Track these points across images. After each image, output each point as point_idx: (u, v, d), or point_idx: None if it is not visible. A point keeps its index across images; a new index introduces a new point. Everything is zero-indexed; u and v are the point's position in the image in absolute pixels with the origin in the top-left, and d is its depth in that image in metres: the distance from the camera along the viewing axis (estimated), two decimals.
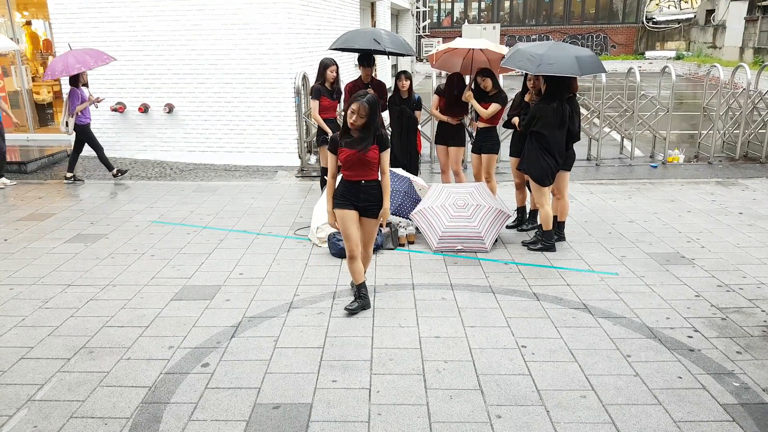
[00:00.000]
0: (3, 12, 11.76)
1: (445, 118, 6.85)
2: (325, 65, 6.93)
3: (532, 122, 5.60)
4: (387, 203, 4.48)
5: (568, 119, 5.62)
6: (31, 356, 4.04)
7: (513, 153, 6.41)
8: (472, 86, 6.64)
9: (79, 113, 8.47)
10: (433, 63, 7.21)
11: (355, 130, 4.28)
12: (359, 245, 4.52)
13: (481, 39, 6.83)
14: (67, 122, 8.46)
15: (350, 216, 4.44)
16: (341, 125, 4.36)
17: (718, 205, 7.36)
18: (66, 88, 10.26)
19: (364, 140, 4.27)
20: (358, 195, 4.41)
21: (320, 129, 7.11)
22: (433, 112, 7.08)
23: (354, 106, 4.18)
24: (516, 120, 6.12)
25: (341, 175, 4.45)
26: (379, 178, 4.46)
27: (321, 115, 6.98)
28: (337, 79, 7.06)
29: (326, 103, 7.00)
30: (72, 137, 8.88)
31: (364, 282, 4.67)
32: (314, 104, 6.99)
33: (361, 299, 4.65)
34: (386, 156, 4.41)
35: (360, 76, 7.24)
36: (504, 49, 6.62)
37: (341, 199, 4.45)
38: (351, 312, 4.56)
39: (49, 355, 4.06)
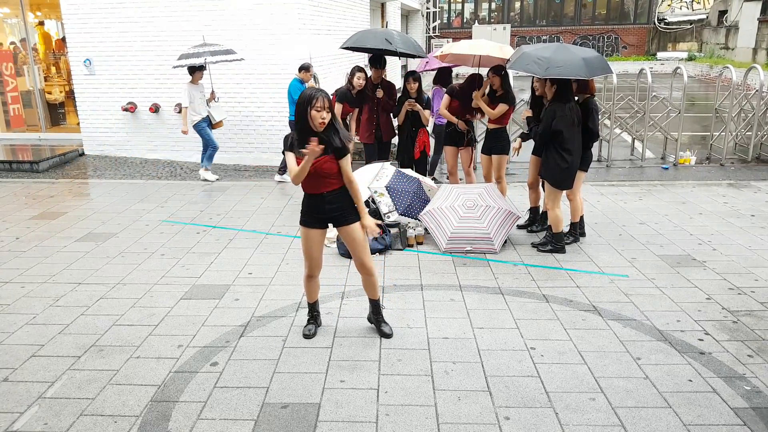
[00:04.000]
0: (16, 12, 11.87)
1: (455, 119, 6.81)
2: (353, 71, 7.10)
3: (553, 122, 5.49)
4: (363, 213, 3.98)
5: (580, 118, 5.61)
6: (42, 354, 4.07)
7: (534, 151, 6.33)
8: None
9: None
10: (444, 60, 7.21)
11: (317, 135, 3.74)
12: (319, 267, 4.13)
13: (484, 42, 6.76)
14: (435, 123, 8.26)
15: (314, 237, 4.02)
16: (301, 130, 3.78)
17: (729, 207, 7.31)
18: (78, 86, 10.36)
19: (328, 145, 3.75)
20: (322, 207, 3.93)
21: None
22: (442, 111, 7.02)
23: (318, 103, 3.66)
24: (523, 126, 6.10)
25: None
26: (344, 186, 3.95)
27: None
28: (365, 88, 7.14)
29: (347, 110, 7.19)
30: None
31: (317, 300, 4.35)
32: (338, 108, 7.07)
33: (314, 320, 4.34)
34: (345, 163, 3.85)
35: (370, 76, 7.25)
36: (508, 51, 6.56)
37: (307, 215, 4.02)
38: (307, 337, 4.24)
39: (59, 353, 4.09)
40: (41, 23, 12.42)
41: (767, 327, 4.34)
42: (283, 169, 9.08)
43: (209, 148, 8.98)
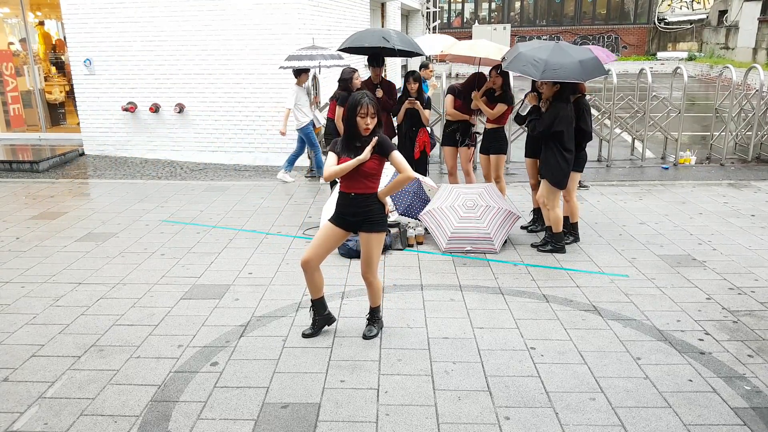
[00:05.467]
0: (17, 12, 11.87)
1: (462, 116, 6.80)
2: (349, 73, 7.09)
3: (555, 122, 5.50)
4: (386, 188, 4.01)
5: (575, 118, 5.63)
6: (42, 354, 4.07)
7: (528, 154, 6.36)
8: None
9: None
10: (447, 60, 7.22)
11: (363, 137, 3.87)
12: (318, 258, 4.04)
13: (483, 43, 6.75)
14: None
15: (333, 234, 4.04)
16: (344, 132, 3.94)
17: (730, 207, 7.31)
18: (78, 86, 10.36)
19: (364, 149, 3.85)
20: (349, 209, 3.98)
21: (328, 129, 7.25)
22: (450, 112, 6.98)
23: (363, 109, 3.77)
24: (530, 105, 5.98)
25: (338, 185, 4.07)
26: (377, 192, 4.02)
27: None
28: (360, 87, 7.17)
29: None
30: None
31: (321, 297, 4.22)
32: (339, 111, 7.11)
33: (316, 323, 4.26)
34: (396, 157, 3.89)
35: (370, 76, 7.25)
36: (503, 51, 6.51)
37: (336, 214, 4.06)
38: (306, 336, 4.22)
39: (59, 352, 4.09)
40: (41, 23, 12.43)
41: (767, 327, 4.34)
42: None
43: (301, 152, 8.72)
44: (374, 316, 4.30)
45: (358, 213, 3.98)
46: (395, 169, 3.99)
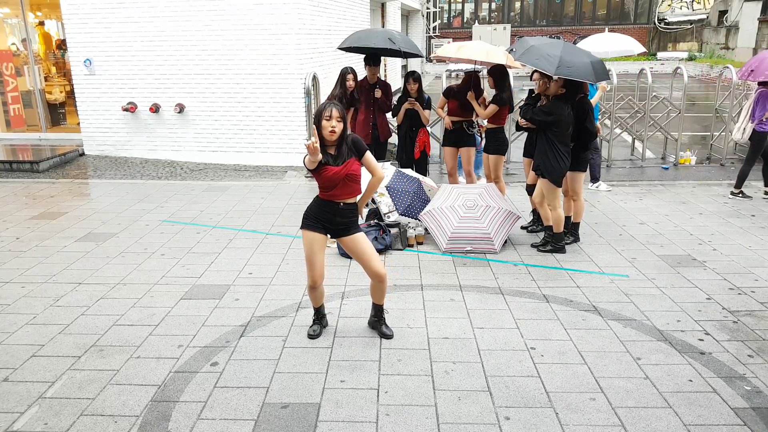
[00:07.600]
0: (17, 12, 11.86)
1: (448, 119, 6.85)
2: (344, 74, 7.03)
3: (550, 119, 5.50)
4: (364, 197, 4.07)
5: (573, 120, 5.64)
6: (42, 354, 4.07)
7: (526, 154, 6.38)
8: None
9: (765, 119, 7.48)
10: (446, 60, 7.22)
11: (332, 145, 3.83)
12: (323, 275, 4.03)
13: (471, 45, 6.70)
14: (745, 128, 7.58)
15: (318, 241, 3.96)
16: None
17: (730, 207, 7.30)
18: (78, 86, 10.35)
19: (342, 153, 3.84)
20: (333, 219, 3.94)
21: None
22: (437, 111, 7.07)
23: (327, 113, 3.72)
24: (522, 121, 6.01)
25: (317, 194, 4.01)
26: (358, 198, 4.04)
27: None
28: (355, 88, 7.13)
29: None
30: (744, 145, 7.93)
31: (323, 304, 4.32)
32: None
33: (320, 321, 4.34)
34: (369, 158, 3.93)
35: (365, 76, 7.25)
36: (495, 55, 6.42)
37: (313, 220, 3.96)
38: (312, 337, 4.24)
39: (59, 353, 4.09)
40: (41, 23, 12.42)
41: (767, 327, 4.34)
42: None
43: None
44: (381, 314, 4.30)
45: (344, 222, 3.97)
46: (367, 170, 3.98)
